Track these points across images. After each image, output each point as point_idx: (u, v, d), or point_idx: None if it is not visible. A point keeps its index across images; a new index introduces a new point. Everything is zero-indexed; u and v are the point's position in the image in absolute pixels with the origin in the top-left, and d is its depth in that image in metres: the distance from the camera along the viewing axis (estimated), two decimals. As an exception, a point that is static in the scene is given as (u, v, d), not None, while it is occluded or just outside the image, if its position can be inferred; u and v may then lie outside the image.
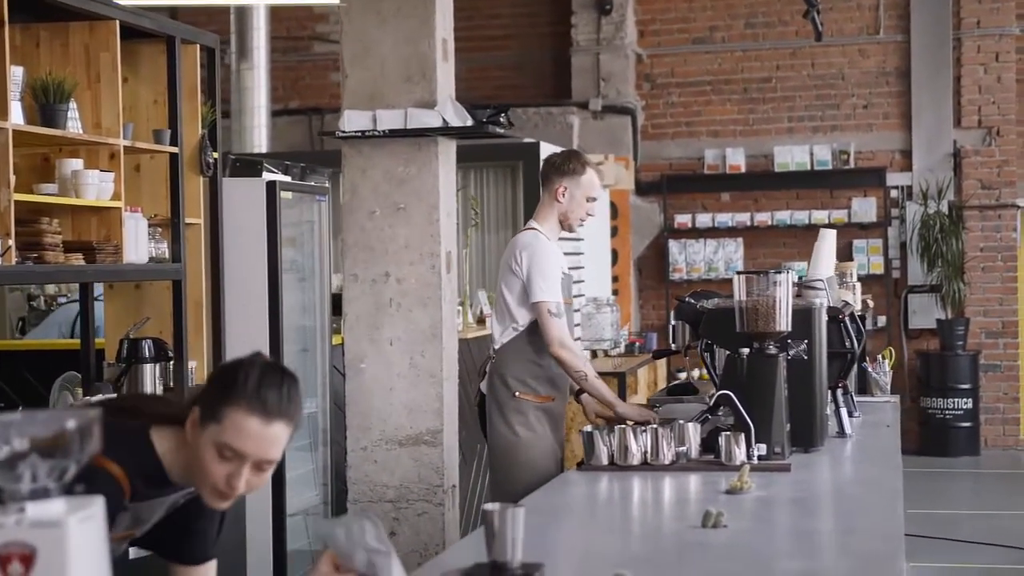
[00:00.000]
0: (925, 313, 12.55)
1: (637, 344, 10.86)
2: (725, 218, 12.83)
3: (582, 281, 10.40)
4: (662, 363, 11.20)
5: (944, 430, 12.22)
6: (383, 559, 2.52)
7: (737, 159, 12.85)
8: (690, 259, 12.90)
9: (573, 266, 10.11)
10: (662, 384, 11.12)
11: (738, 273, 4.48)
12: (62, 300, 8.56)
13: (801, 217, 12.62)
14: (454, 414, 5.90)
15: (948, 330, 12.26)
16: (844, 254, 12.28)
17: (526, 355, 5.18)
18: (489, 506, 2.74)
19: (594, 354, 10.26)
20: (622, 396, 9.01)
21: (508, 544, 2.74)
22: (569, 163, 5.28)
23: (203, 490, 2.61)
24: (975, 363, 12.33)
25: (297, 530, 6.51)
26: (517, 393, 5.16)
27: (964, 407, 12.21)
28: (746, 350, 4.41)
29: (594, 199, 5.30)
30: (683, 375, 12.20)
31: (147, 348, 5.37)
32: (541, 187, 5.37)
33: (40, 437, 1.75)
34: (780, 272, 4.45)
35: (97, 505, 1.79)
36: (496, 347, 5.26)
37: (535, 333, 5.16)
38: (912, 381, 12.58)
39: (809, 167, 12.70)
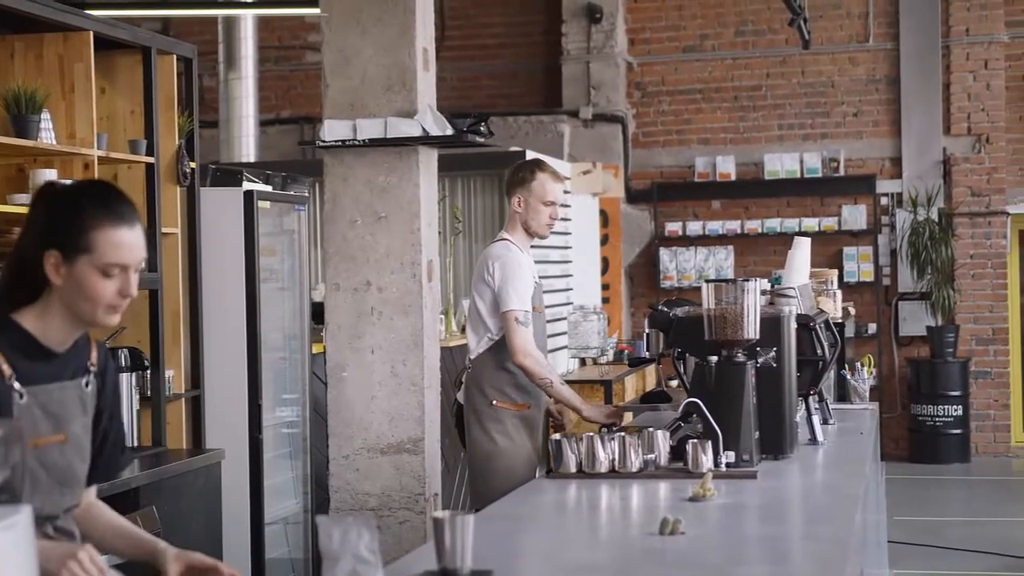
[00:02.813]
0: (915, 320, 12.56)
1: (626, 352, 10.88)
2: (716, 226, 12.85)
3: (569, 289, 10.43)
4: (651, 371, 11.21)
5: (934, 437, 12.23)
6: (369, 570, 2.54)
7: (727, 167, 12.87)
8: (681, 267, 12.91)
9: (562, 274, 10.18)
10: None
11: (706, 281, 4.50)
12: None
13: (791, 225, 12.63)
14: (436, 422, 5.92)
15: (938, 337, 12.27)
16: (834, 261, 12.31)
17: (501, 364, 5.24)
18: (438, 514, 2.76)
19: (582, 362, 10.27)
20: (608, 404, 9.03)
21: (457, 552, 2.76)
22: (519, 172, 5.40)
23: (95, 316, 2.68)
24: (965, 370, 12.33)
25: (276, 538, 6.53)
26: (494, 402, 5.24)
27: (954, 414, 12.21)
28: (714, 358, 4.42)
29: (551, 203, 5.36)
30: (674, 383, 12.21)
31: (123, 357, 5.39)
32: (506, 199, 5.49)
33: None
34: (748, 280, 4.46)
35: (23, 514, 1.81)
36: (472, 357, 5.34)
37: None
38: (902, 388, 12.59)
39: (799, 175, 12.72)
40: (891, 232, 12.66)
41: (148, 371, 5.53)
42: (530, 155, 9.79)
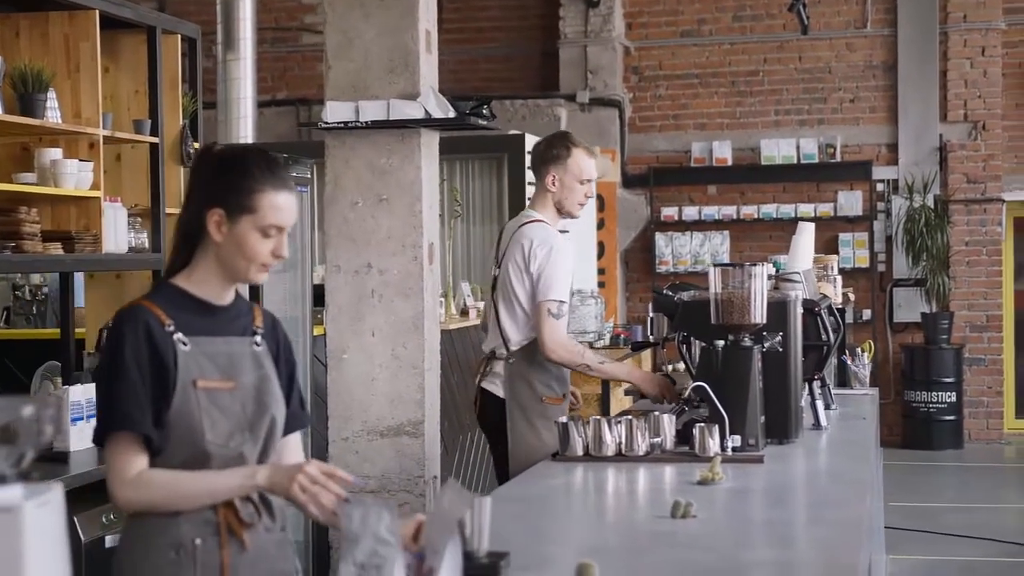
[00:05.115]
0: (910, 307, 12.59)
1: (623, 336, 10.88)
2: (712, 211, 12.86)
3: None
4: (647, 356, 11.23)
5: (928, 423, 12.27)
6: (389, 552, 2.55)
7: (724, 152, 12.88)
8: (677, 252, 12.92)
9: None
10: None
11: (714, 265, 4.50)
12: (47, 291, 8.55)
13: (787, 210, 12.65)
14: (436, 405, 5.92)
15: (933, 324, 12.30)
16: (830, 247, 12.32)
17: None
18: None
19: (579, 346, 10.27)
20: (605, 388, 9.02)
21: (474, 533, 2.77)
22: (553, 149, 5.14)
23: (248, 273, 2.83)
24: (959, 357, 12.37)
25: (277, 520, 6.52)
26: (544, 398, 5.07)
27: (948, 400, 12.25)
28: (721, 342, 4.42)
29: (587, 180, 5.14)
30: (669, 367, 12.24)
31: (126, 338, 5.37)
32: (535, 178, 5.27)
33: (-4, 423, 1.77)
34: (755, 265, 4.46)
35: (55, 492, 1.81)
36: (513, 348, 5.10)
37: None
38: (896, 374, 12.62)
39: (795, 160, 12.74)
40: (887, 218, 12.68)
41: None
42: (532, 140, 9.78)
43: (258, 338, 2.92)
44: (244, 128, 11.00)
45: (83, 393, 5.06)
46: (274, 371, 2.93)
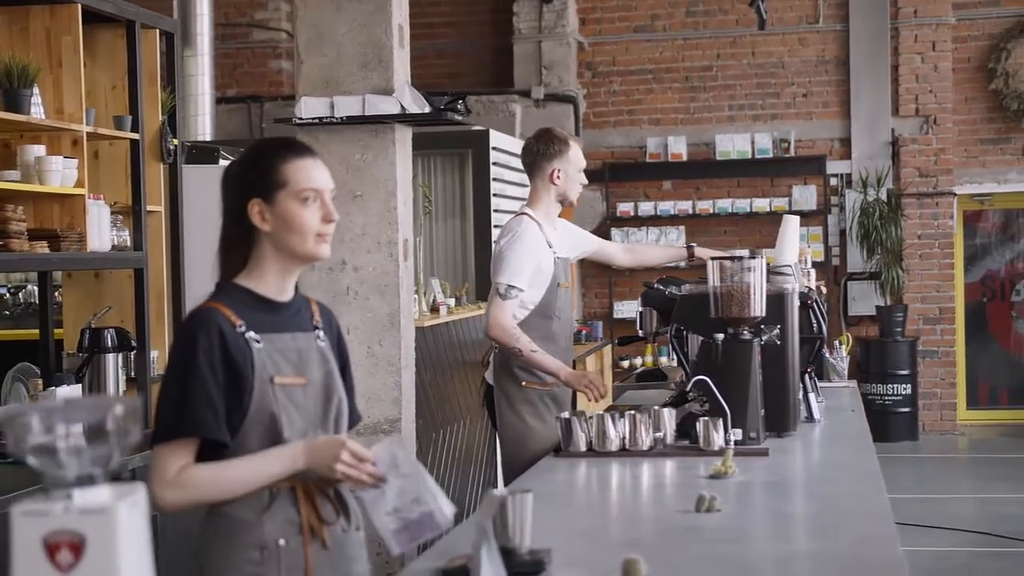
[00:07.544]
0: (864, 300, 12.68)
1: (584, 332, 10.89)
2: (667, 206, 12.88)
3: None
4: (608, 351, 11.25)
5: (883, 415, 12.34)
6: (416, 483, 2.68)
7: (679, 147, 12.90)
8: (632, 247, 12.92)
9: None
10: (609, 372, 11.16)
11: (712, 259, 4.49)
12: (3, 292, 8.42)
13: (742, 205, 12.70)
14: (412, 403, 5.89)
15: (887, 316, 12.40)
16: (785, 242, 12.37)
17: None
18: (498, 492, 2.73)
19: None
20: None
21: (517, 529, 2.74)
22: (553, 145, 5.28)
23: (306, 247, 2.81)
24: (913, 349, 12.47)
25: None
26: (524, 383, 5.16)
27: (903, 393, 12.35)
28: (721, 335, 4.42)
29: (583, 168, 5.36)
30: (625, 363, 12.27)
31: (109, 338, 5.29)
32: (529, 175, 5.34)
33: (85, 423, 1.72)
34: (754, 258, 4.46)
35: (140, 492, 1.76)
36: None
37: (534, 321, 5.13)
38: (852, 367, 12.67)
39: (750, 155, 12.78)
40: (840, 212, 12.77)
41: (134, 351, 5.43)
42: (495, 136, 9.76)
43: (321, 332, 2.91)
44: (203, 125, 10.91)
45: (69, 395, 4.98)
46: (336, 366, 2.92)
